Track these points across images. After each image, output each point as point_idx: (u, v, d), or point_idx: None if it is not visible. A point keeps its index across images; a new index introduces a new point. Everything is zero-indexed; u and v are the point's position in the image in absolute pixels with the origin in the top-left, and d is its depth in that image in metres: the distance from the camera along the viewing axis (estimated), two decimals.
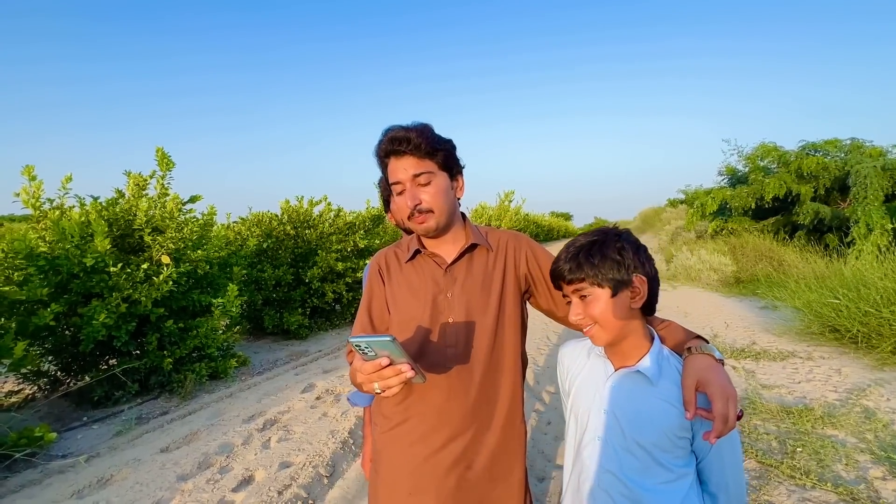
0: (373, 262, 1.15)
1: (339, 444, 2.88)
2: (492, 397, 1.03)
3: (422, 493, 0.99)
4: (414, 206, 0.99)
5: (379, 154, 1.03)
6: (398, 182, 1.00)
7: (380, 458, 1.07)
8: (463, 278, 1.05)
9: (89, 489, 2.45)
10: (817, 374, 3.65)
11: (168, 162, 4.01)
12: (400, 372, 0.75)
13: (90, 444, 3.01)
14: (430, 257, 1.08)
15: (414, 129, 0.98)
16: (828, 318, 4.50)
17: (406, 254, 1.11)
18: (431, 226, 1.01)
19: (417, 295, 1.05)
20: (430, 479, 0.99)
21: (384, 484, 1.05)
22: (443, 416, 1.00)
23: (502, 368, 1.05)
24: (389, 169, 1.02)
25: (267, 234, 6.17)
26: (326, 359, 5.05)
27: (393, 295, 1.08)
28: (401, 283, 1.09)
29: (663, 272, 10.18)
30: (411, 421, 1.03)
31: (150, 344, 3.72)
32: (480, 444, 1.01)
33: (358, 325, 1.11)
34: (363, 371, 0.76)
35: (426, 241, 1.10)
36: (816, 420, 2.82)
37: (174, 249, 3.89)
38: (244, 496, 2.35)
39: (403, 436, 1.03)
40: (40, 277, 3.31)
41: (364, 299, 1.13)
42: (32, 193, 3.53)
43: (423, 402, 1.02)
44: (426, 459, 1.00)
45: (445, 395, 1.00)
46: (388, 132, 1.00)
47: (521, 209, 16.45)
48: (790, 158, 9.65)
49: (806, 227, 9.04)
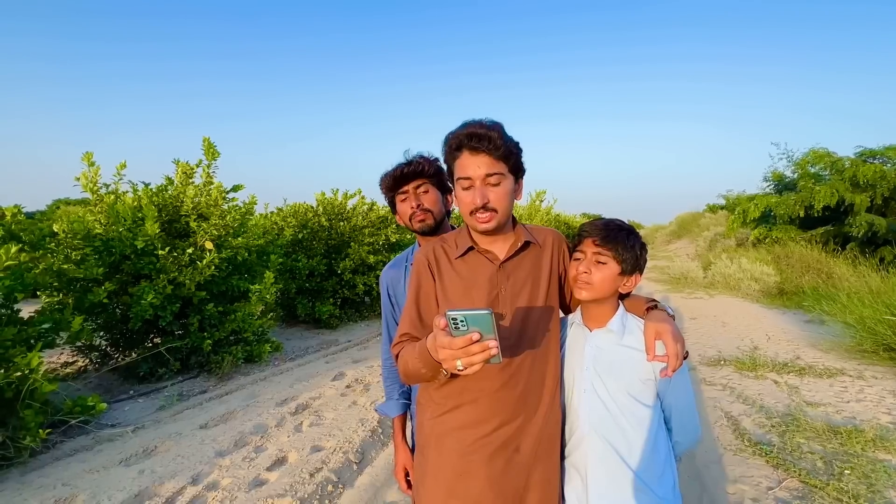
0: (420, 257, 1.15)
1: (368, 432, 2.93)
2: (539, 385, 1.08)
3: (470, 476, 1.02)
4: (482, 204, 1.00)
5: (451, 145, 1.03)
6: (468, 178, 1.01)
7: (428, 442, 1.10)
8: (515, 274, 1.09)
9: (136, 458, 2.60)
10: (869, 395, 3.44)
11: (214, 151, 4.17)
12: (487, 348, 0.75)
13: (136, 416, 3.19)
14: (482, 254, 1.10)
15: (494, 129, 0.98)
16: (883, 335, 4.23)
17: (455, 250, 1.12)
18: (492, 225, 1.02)
19: (470, 290, 1.07)
20: (479, 462, 1.02)
21: (432, 466, 1.08)
22: (495, 404, 1.03)
23: (548, 358, 1.09)
24: (460, 162, 1.02)
25: (302, 225, 6.33)
26: (356, 349, 5.15)
27: (444, 290, 1.09)
28: (452, 278, 1.10)
29: (700, 280, 9.82)
30: (464, 408, 1.05)
31: (192, 325, 3.90)
32: (527, 428, 1.05)
33: (406, 319, 1.11)
34: (452, 346, 0.75)
35: (478, 238, 1.11)
36: (867, 442, 2.66)
37: (217, 236, 4.06)
38: (278, 475, 2.43)
39: (455, 420, 1.06)
40: (96, 257, 3.53)
41: (411, 293, 1.13)
42: (91, 178, 3.75)
43: (477, 390, 1.04)
44: (475, 443, 1.03)
45: (498, 385, 1.03)
46: (468, 126, 1.00)
47: (552, 209, 16.21)
48: (844, 165, 9.08)
49: (859, 239, 8.50)
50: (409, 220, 1.36)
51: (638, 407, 1.06)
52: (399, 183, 1.35)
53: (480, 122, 1.00)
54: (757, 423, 3.03)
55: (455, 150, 1.02)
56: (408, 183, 1.34)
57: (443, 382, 1.07)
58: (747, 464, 2.54)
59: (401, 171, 1.34)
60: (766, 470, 2.47)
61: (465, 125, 1.01)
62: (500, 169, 1.00)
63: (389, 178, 1.36)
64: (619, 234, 1.07)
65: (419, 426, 1.15)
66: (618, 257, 1.06)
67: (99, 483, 2.32)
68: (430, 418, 1.11)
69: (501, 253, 1.09)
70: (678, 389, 1.10)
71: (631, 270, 1.09)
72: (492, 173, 0.99)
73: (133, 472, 2.43)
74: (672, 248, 21.98)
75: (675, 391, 1.09)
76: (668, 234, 27.60)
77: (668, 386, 1.08)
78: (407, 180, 1.34)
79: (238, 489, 2.29)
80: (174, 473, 2.43)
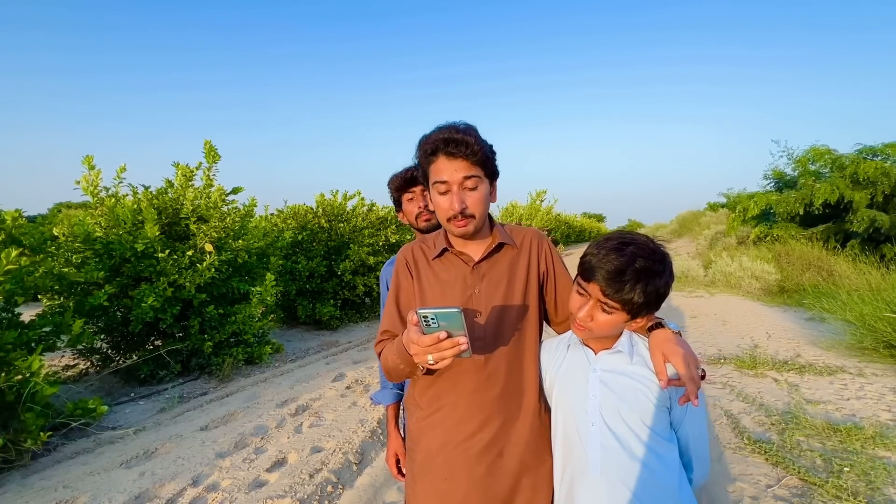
0: (399, 257, 1.18)
1: (368, 432, 2.94)
2: (518, 388, 1.07)
3: (454, 479, 1.03)
4: (460, 210, 1.01)
5: (425, 150, 1.02)
6: (444, 182, 1.01)
7: (416, 446, 1.12)
8: (489, 275, 1.09)
9: (136, 460, 2.61)
10: (869, 392, 3.43)
11: (214, 154, 4.19)
12: (457, 344, 0.78)
13: (137, 418, 3.20)
14: (457, 255, 1.11)
15: (470, 134, 0.99)
16: (883, 332, 4.22)
17: (433, 250, 1.14)
18: (469, 230, 1.04)
19: (446, 291, 1.09)
20: (462, 465, 1.03)
21: (421, 470, 1.09)
22: (472, 405, 1.04)
23: (526, 361, 1.08)
24: (436, 167, 1.02)
25: (302, 227, 6.35)
26: (356, 350, 5.16)
27: (421, 290, 1.12)
28: (429, 278, 1.12)
29: (701, 278, 9.81)
30: (444, 410, 1.07)
31: (192, 327, 3.91)
32: (510, 433, 1.05)
33: (386, 317, 1.15)
34: (420, 343, 0.79)
35: (454, 240, 1.13)
36: (867, 440, 2.66)
37: (217, 238, 4.07)
38: (278, 476, 2.44)
39: (437, 424, 1.07)
40: (96, 261, 3.54)
41: (391, 292, 1.17)
42: (91, 182, 3.76)
43: (454, 391, 1.06)
44: (457, 446, 1.04)
45: (474, 385, 1.04)
46: (443, 130, 1.00)
47: (552, 209, 16.22)
48: (845, 162, 9.06)
49: (860, 236, 8.48)
50: (415, 220, 1.48)
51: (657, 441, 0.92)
52: (408, 185, 1.47)
53: (456, 127, 1.00)
54: (757, 421, 3.03)
55: (430, 155, 1.02)
56: (416, 185, 1.47)
57: (426, 385, 1.09)
58: (747, 462, 2.54)
59: (411, 174, 1.47)
60: (766, 468, 2.47)
61: (439, 129, 1.01)
62: (477, 172, 1.01)
63: (399, 180, 1.48)
64: (634, 283, 0.86)
65: (408, 430, 1.18)
66: (629, 307, 0.89)
67: (100, 485, 2.33)
68: (416, 422, 1.12)
69: (476, 254, 1.10)
70: (696, 417, 0.97)
71: (646, 313, 0.93)
72: (470, 176, 1.00)
73: (134, 473, 2.44)
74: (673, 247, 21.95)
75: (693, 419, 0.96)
76: (668, 232, 27.59)
77: (685, 414, 0.95)
78: (416, 183, 1.47)
79: (238, 490, 2.30)
80: (175, 475, 2.44)
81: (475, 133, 1.01)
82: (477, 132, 1.02)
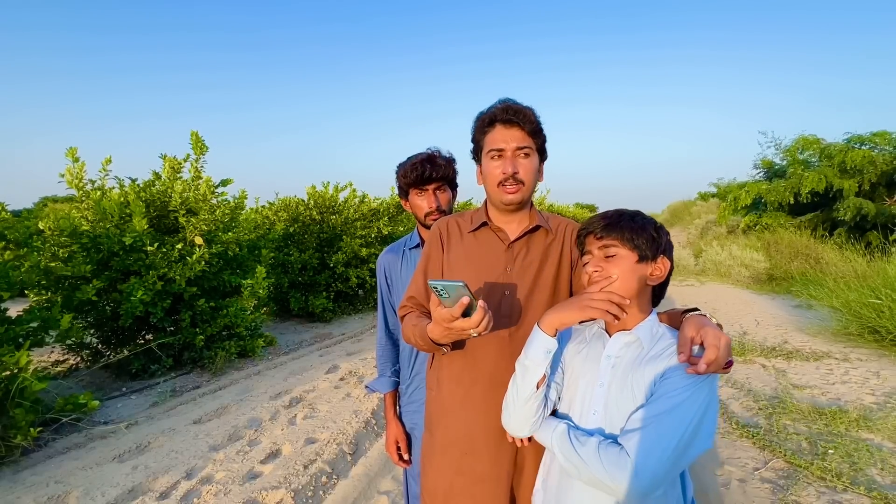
0: (434, 227, 1.21)
1: (362, 423, 2.95)
2: None
3: (475, 454, 1.06)
4: (512, 174, 1.04)
5: (483, 121, 1.08)
6: (500, 149, 1.05)
7: (435, 421, 1.14)
8: (522, 256, 1.11)
9: (129, 454, 2.60)
10: (854, 376, 3.51)
11: (202, 146, 4.12)
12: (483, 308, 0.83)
13: (129, 412, 3.18)
14: (494, 231, 1.13)
15: (528, 108, 1.06)
16: (868, 318, 4.31)
17: (469, 224, 1.16)
18: (518, 198, 1.06)
19: (476, 265, 1.11)
20: (483, 440, 1.06)
21: (440, 445, 1.11)
22: (494, 381, 1.05)
23: None
24: (492, 135, 1.07)
25: (293, 219, 6.30)
26: (350, 342, 5.16)
27: (450, 262, 1.14)
28: (459, 252, 1.14)
29: (692, 267, 9.92)
30: (466, 387, 1.09)
31: (183, 321, 3.88)
32: None
33: (413, 284, 1.18)
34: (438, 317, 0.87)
35: (494, 215, 1.14)
36: (851, 423, 2.72)
37: (206, 231, 4.02)
38: (272, 468, 2.44)
39: (459, 400, 1.09)
40: (83, 255, 3.49)
41: (421, 262, 1.20)
42: (76, 174, 3.69)
43: (476, 368, 1.08)
44: (478, 422, 1.06)
45: (495, 362, 1.06)
46: (503, 102, 1.06)
47: (544, 199, 16.24)
48: (833, 151, 9.16)
49: (847, 224, 8.61)
50: (423, 217, 1.46)
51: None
52: (423, 182, 1.43)
53: (513, 100, 1.07)
54: (745, 406, 3.09)
55: (487, 126, 1.08)
56: (430, 183, 1.44)
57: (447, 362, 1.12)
58: (735, 446, 2.60)
59: (428, 172, 1.40)
60: (753, 451, 2.52)
61: (500, 101, 1.07)
62: (530, 143, 1.06)
63: (413, 176, 1.41)
64: (620, 218, 0.91)
65: (428, 406, 1.19)
66: (628, 243, 0.88)
67: (92, 479, 2.32)
68: (436, 398, 1.14)
69: (513, 233, 1.13)
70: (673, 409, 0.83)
71: (653, 254, 0.89)
72: (523, 146, 1.05)
73: (126, 467, 2.43)
74: None
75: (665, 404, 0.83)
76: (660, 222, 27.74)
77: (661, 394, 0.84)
78: (430, 181, 1.43)
79: (232, 482, 2.30)
80: (168, 468, 2.43)
81: (533, 109, 1.07)
82: (534, 109, 1.07)
